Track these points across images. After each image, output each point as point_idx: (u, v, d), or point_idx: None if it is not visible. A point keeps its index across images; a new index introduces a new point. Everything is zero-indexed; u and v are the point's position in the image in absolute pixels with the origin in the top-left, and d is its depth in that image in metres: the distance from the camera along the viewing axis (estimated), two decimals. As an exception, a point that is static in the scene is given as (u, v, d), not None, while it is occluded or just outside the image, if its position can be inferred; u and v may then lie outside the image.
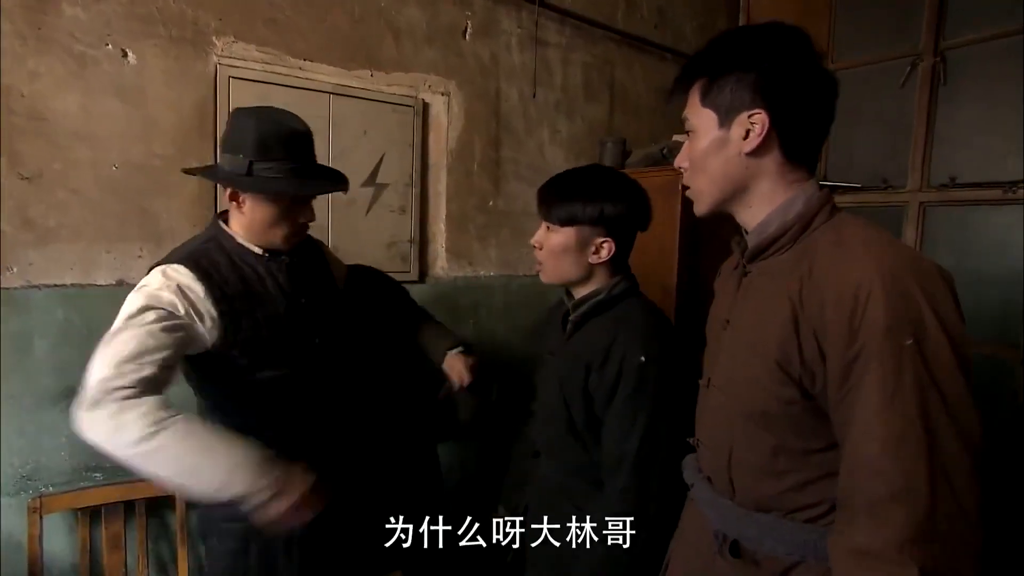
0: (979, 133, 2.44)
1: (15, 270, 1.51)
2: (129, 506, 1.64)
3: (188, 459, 0.97)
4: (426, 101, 2.15)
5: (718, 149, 0.85)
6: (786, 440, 0.81)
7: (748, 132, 0.81)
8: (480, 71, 2.27)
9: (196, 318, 1.12)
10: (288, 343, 1.23)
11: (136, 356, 0.99)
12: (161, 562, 1.75)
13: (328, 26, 1.91)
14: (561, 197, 1.23)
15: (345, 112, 1.95)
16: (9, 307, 1.50)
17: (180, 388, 1.18)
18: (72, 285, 1.59)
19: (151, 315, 1.05)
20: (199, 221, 1.74)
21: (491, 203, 2.35)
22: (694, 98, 0.87)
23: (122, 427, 0.95)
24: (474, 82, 2.26)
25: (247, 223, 1.21)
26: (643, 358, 1.13)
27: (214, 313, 1.13)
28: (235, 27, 1.74)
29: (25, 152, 1.50)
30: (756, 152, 0.82)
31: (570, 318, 1.28)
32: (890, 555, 0.66)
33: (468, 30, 2.22)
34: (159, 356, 1.01)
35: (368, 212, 2.04)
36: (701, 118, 0.86)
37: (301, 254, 1.32)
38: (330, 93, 1.91)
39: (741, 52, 0.83)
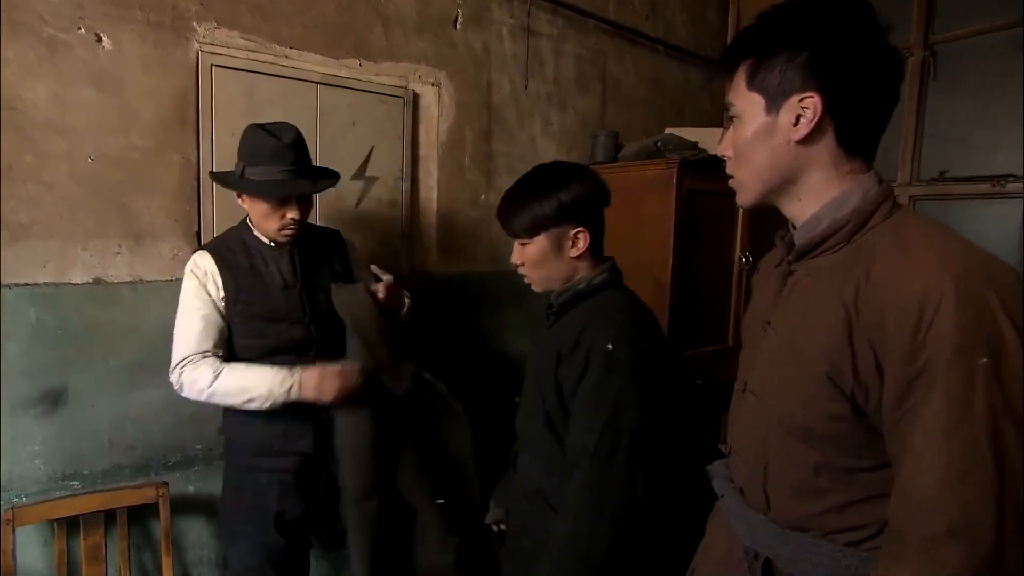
0: (969, 127, 2.45)
1: (-17, 268, 1.43)
2: (110, 515, 1.56)
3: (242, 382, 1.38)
4: (416, 92, 2.09)
5: (765, 137, 0.77)
6: (830, 457, 0.74)
7: (799, 118, 0.74)
8: (472, 61, 2.21)
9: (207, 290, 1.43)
10: (278, 322, 1.45)
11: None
12: (144, 572, 1.68)
13: (315, 13, 1.83)
14: (518, 209, 1.20)
15: (333, 102, 1.88)
16: (-23, 308, 1.42)
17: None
18: (45, 284, 1.50)
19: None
20: (181, 217, 1.66)
21: (483, 197, 2.30)
22: (740, 80, 0.79)
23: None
24: (465, 73, 2.20)
25: (251, 218, 1.46)
26: (610, 346, 1.09)
27: (220, 285, 1.42)
28: (217, 12, 1.66)
29: (-7, 143, 1.41)
30: (807, 140, 0.74)
31: (551, 310, 1.27)
32: None
33: (459, 19, 2.16)
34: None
35: (357, 206, 1.98)
36: (747, 102, 0.78)
37: (311, 249, 1.53)
38: (317, 83, 1.84)
39: (792, 27, 0.74)
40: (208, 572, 1.79)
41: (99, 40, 1.51)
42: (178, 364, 1.39)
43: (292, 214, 1.40)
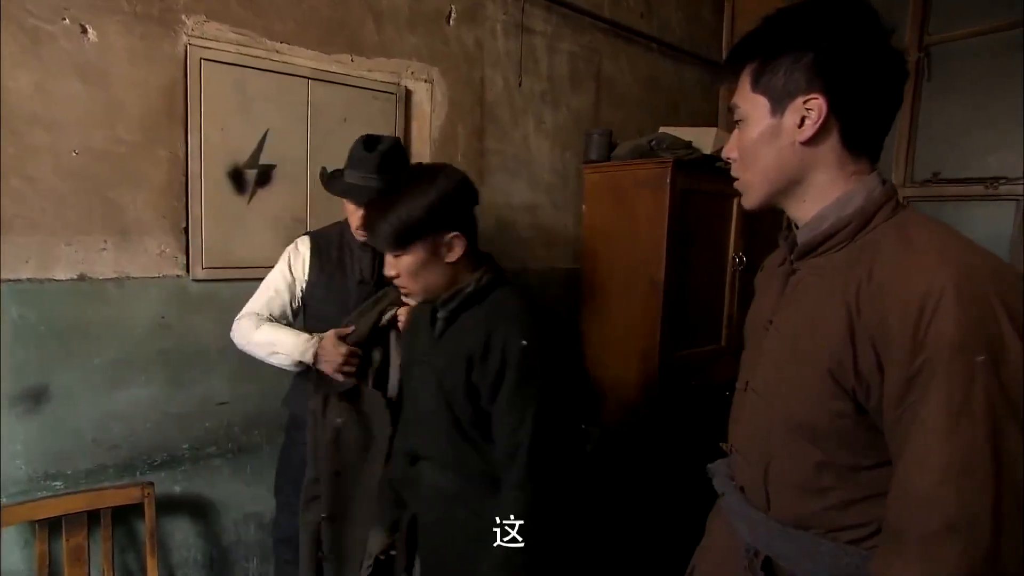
0: (962, 129, 2.45)
1: (-36, 264, 1.40)
2: (93, 516, 1.54)
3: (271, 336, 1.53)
4: (408, 88, 2.07)
5: (770, 139, 0.77)
6: (833, 455, 0.74)
7: (803, 119, 0.74)
8: (464, 58, 2.19)
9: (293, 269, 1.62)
10: (346, 312, 1.57)
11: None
12: (128, 573, 1.66)
13: (307, 7, 1.81)
14: (385, 222, 1.14)
15: (324, 98, 1.85)
16: (-43, 304, 1.39)
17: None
18: (28, 280, 1.47)
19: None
20: (169, 213, 1.64)
21: (476, 195, 2.28)
22: (744, 83, 0.80)
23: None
24: (458, 69, 2.18)
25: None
26: (525, 342, 1.11)
27: (307, 268, 1.62)
28: (207, 5, 1.64)
29: (-26, 135, 1.38)
30: (812, 141, 0.75)
31: (439, 315, 1.22)
32: None
33: (452, 15, 2.14)
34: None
35: (348, 203, 1.96)
36: (752, 105, 0.79)
37: None
38: (309, 78, 1.82)
39: (796, 30, 0.75)
40: (194, 573, 1.77)
41: (84, 31, 1.48)
42: (242, 315, 1.58)
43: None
